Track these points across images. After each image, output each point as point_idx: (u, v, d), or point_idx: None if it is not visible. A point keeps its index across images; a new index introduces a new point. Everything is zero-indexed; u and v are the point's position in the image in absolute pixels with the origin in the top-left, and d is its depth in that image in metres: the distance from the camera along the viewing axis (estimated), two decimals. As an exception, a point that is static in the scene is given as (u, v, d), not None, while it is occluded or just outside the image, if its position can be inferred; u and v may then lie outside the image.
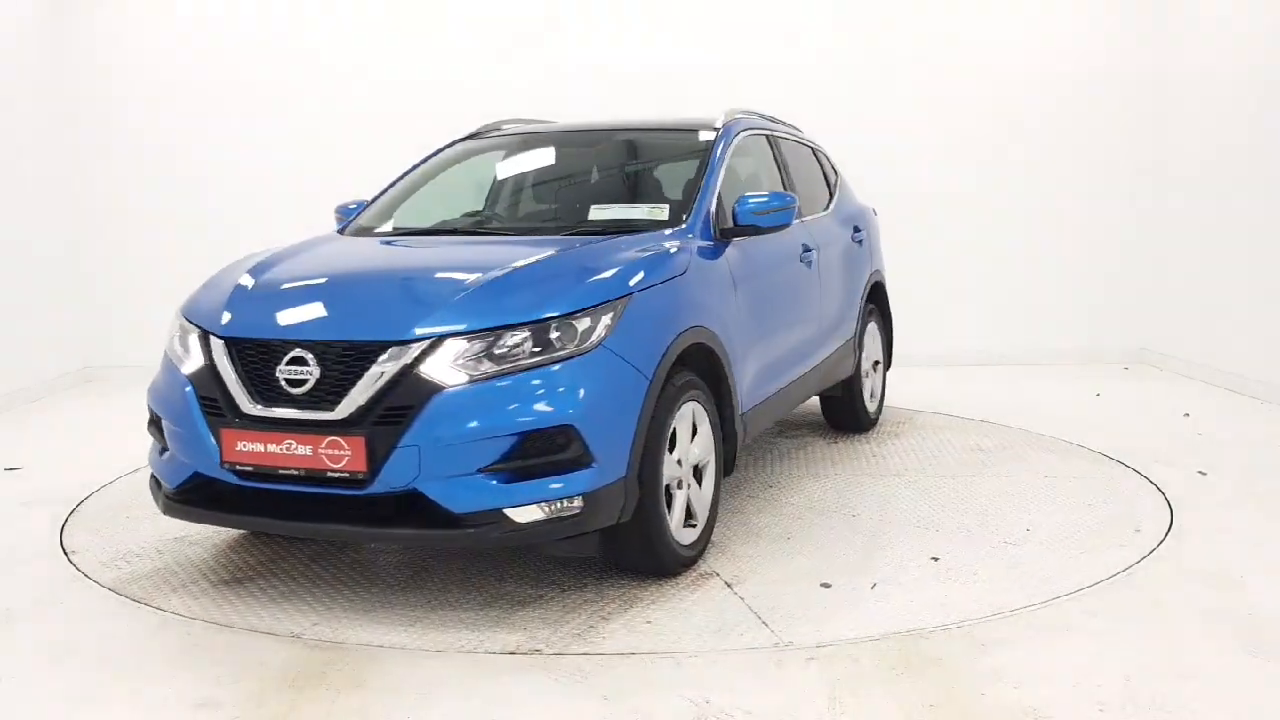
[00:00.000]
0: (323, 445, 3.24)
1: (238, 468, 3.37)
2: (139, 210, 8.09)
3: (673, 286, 3.70)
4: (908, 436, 5.84)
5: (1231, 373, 7.08)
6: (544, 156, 5.04)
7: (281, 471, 3.31)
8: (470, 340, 3.26)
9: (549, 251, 3.76)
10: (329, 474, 3.26)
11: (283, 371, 3.34)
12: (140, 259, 8.06)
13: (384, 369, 3.24)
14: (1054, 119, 8.13)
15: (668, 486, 3.62)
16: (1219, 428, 6.02)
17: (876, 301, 6.08)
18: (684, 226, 4.07)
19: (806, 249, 4.96)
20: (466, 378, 3.22)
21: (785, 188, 5.06)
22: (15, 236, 7.20)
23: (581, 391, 3.26)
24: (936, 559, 3.91)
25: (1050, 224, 8.18)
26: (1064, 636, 3.24)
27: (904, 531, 4.23)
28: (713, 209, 4.21)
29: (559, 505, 3.23)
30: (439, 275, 3.70)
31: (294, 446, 3.27)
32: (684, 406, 3.67)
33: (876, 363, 6.10)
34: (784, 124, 5.57)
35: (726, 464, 4.03)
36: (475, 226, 4.68)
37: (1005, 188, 8.13)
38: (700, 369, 3.87)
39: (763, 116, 5.27)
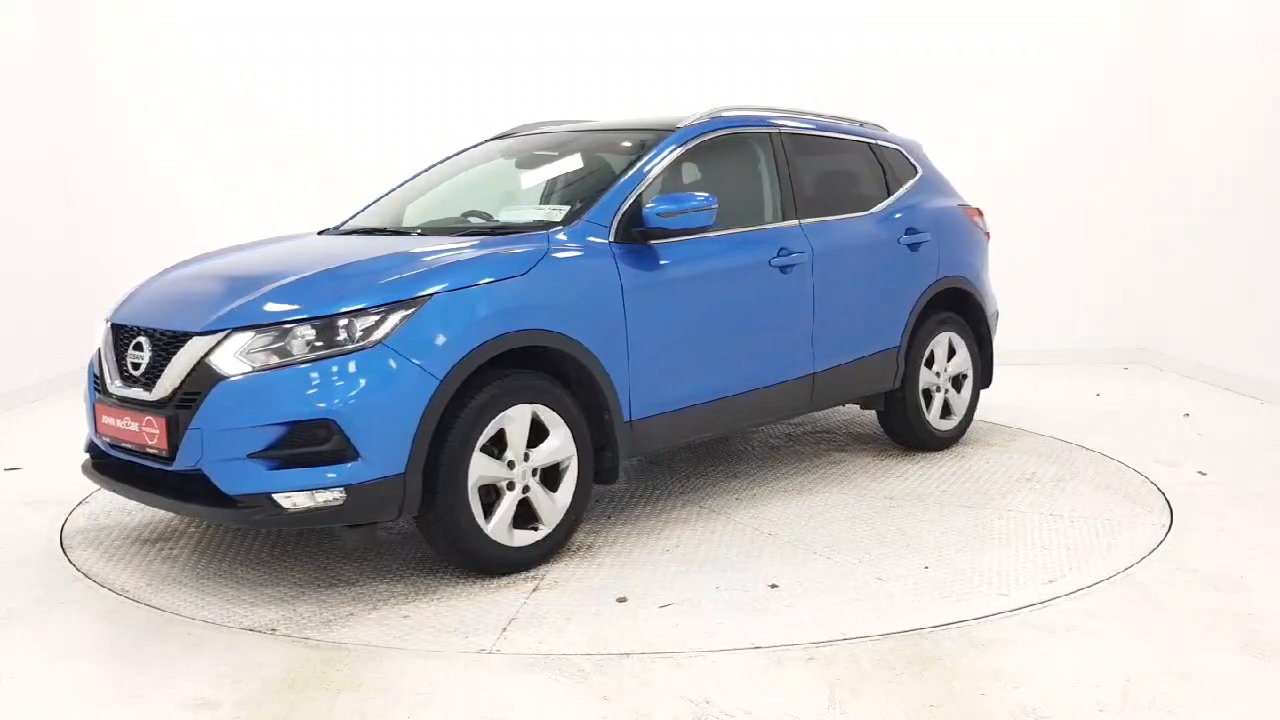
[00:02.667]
0: (143, 423, 3.59)
1: (104, 439, 3.83)
2: (139, 210, 8.10)
3: (502, 288, 3.69)
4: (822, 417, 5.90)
5: (1231, 373, 7.08)
6: (509, 160, 5.08)
7: (125, 445, 3.71)
8: (257, 333, 3.44)
9: (394, 250, 3.86)
10: (147, 449, 3.59)
11: (129, 355, 3.75)
12: (140, 260, 7.98)
13: (186, 357, 3.51)
14: (1053, 119, 8.13)
15: (493, 487, 3.67)
16: (1219, 428, 6.02)
17: (960, 311, 5.62)
18: (568, 228, 4.04)
19: (784, 252, 4.63)
20: (248, 368, 3.42)
21: (776, 189, 4.81)
22: (15, 236, 7.20)
23: (348, 387, 3.37)
24: (927, 567, 3.90)
25: (1050, 224, 8.18)
26: (1064, 636, 3.24)
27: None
28: (623, 210, 4.14)
29: (322, 495, 3.37)
30: (269, 272, 3.79)
31: (129, 423, 3.66)
32: (514, 409, 3.67)
33: (960, 378, 5.60)
34: (814, 119, 5.25)
35: (609, 471, 4.04)
36: (403, 227, 4.68)
37: (1005, 188, 8.12)
38: (560, 371, 3.89)
39: (770, 112, 5.02)
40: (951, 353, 5.54)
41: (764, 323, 4.61)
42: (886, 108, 8.04)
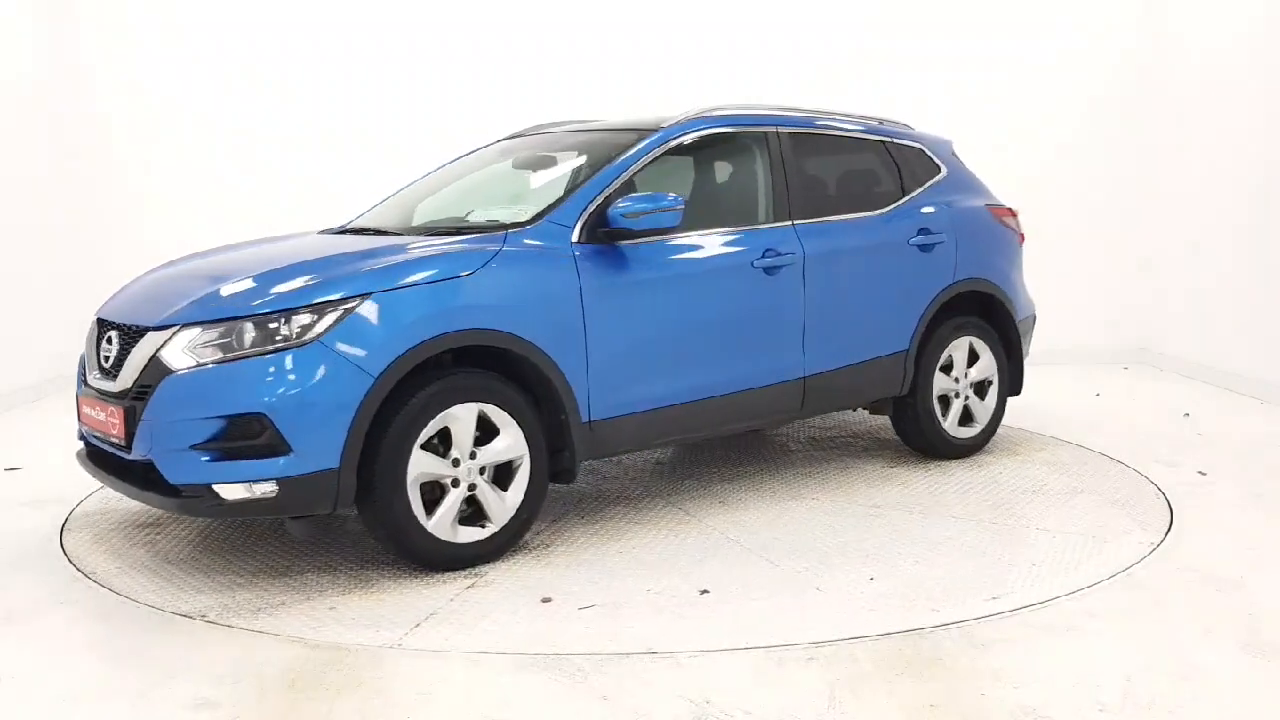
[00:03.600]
0: (109, 413, 3.75)
1: (84, 428, 4.03)
2: (139, 210, 8.09)
3: (444, 288, 3.73)
4: (855, 420, 5.86)
5: (1231, 373, 7.08)
6: (506, 160, 5.08)
7: (97, 434, 3.88)
8: (203, 329, 3.57)
9: (350, 250, 3.94)
10: (110, 438, 3.76)
11: (102, 348, 3.92)
12: (140, 260, 8.00)
13: (142, 351, 3.65)
14: (1053, 119, 8.13)
15: (439, 484, 3.72)
16: (1219, 428, 6.02)
17: (985, 315, 5.43)
18: (528, 229, 4.05)
19: (770, 253, 4.54)
20: (193, 363, 3.54)
21: (769, 189, 4.72)
22: (15, 236, 7.19)
23: (281, 383, 3.46)
24: (872, 579, 3.81)
25: (1050, 224, 8.16)
26: (1064, 636, 3.24)
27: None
28: (590, 211, 4.13)
29: (258, 488, 3.46)
30: (232, 271, 3.91)
31: (99, 413, 3.83)
32: (458, 407, 3.72)
33: (985, 384, 5.40)
34: (820, 117, 5.12)
35: (567, 472, 4.06)
36: (390, 228, 4.68)
37: (1004, 189, 8.10)
38: (510, 370, 3.91)
39: (770, 111, 4.94)
40: (974, 358, 5.34)
41: (744, 325, 4.51)
42: (887, 108, 8.04)
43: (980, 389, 5.41)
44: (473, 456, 3.79)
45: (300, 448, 3.46)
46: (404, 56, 8.08)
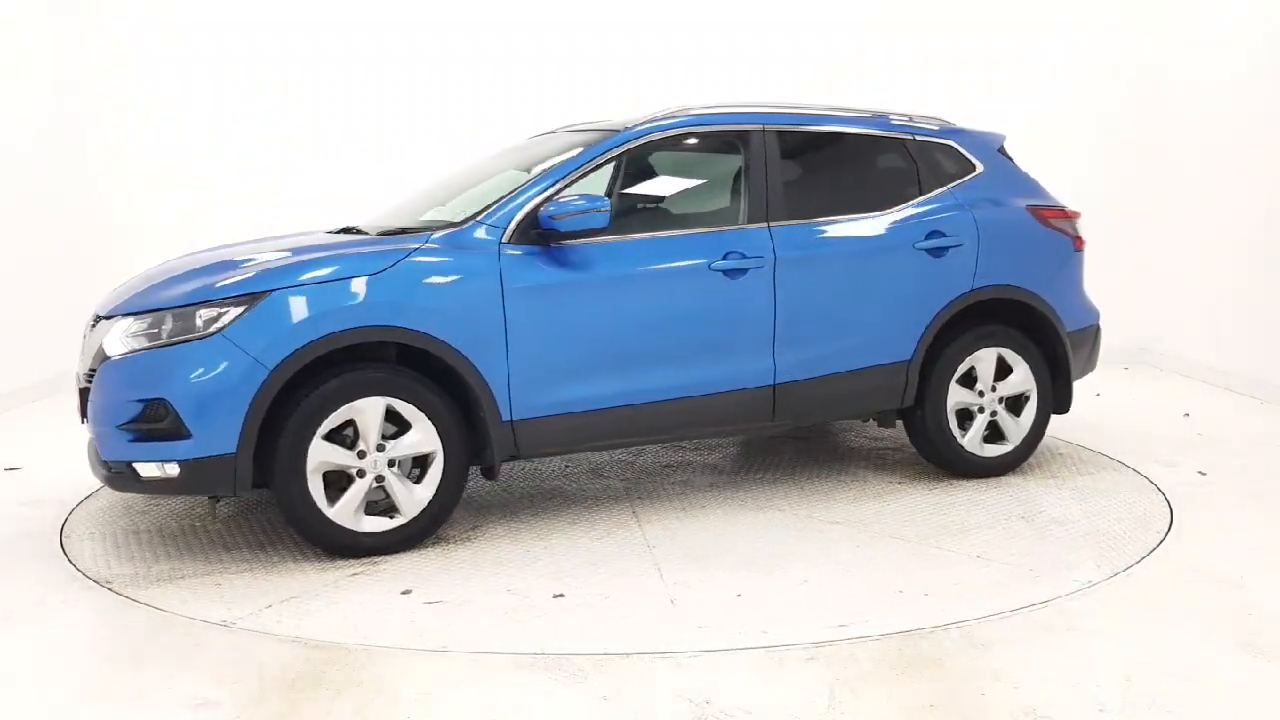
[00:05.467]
0: (79, 395, 4.15)
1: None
2: (139, 210, 8.09)
3: (349, 286, 3.89)
4: (900, 434, 5.79)
5: (1231, 373, 7.09)
6: (490, 160, 5.10)
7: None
8: (136, 320, 3.88)
9: (286, 248, 4.19)
10: (82, 418, 4.12)
11: (88, 337, 4.20)
12: (140, 259, 8.02)
13: (95, 338, 4.02)
14: (1053, 119, 8.12)
15: (345, 473, 3.91)
16: (1219, 428, 6.02)
17: (1023, 324, 5.00)
18: (456, 230, 4.15)
19: (733, 255, 4.40)
20: (124, 350, 3.85)
21: (745, 190, 4.59)
22: (15, 236, 7.19)
23: (185, 372, 3.75)
24: (739, 595, 3.65)
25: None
26: (1064, 636, 3.24)
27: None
28: (526, 213, 4.16)
29: (167, 467, 3.78)
30: (190, 265, 4.20)
31: (76, 394, 4.21)
32: (364, 401, 3.87)
33: (1021, 399, 5.00)
34: (820, 114, 4.92)
35: (491, 469, 4.16)
36: (376, 226, 4.71)
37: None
38: (427, 367, 4.02)
39: (760, 109, 4.76)
40: (1004, 370, 4.94)
41: (696, 329, 4.39)
42: (887, 108, 8.05)
43: (1015, 405, 5.01)
44: (383, 449, 3.92)
45: (199, 433, 3.73)
46: (404, 57, 8.07)
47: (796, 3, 8.13)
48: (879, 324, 4.73)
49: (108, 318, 4.00)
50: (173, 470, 3.77)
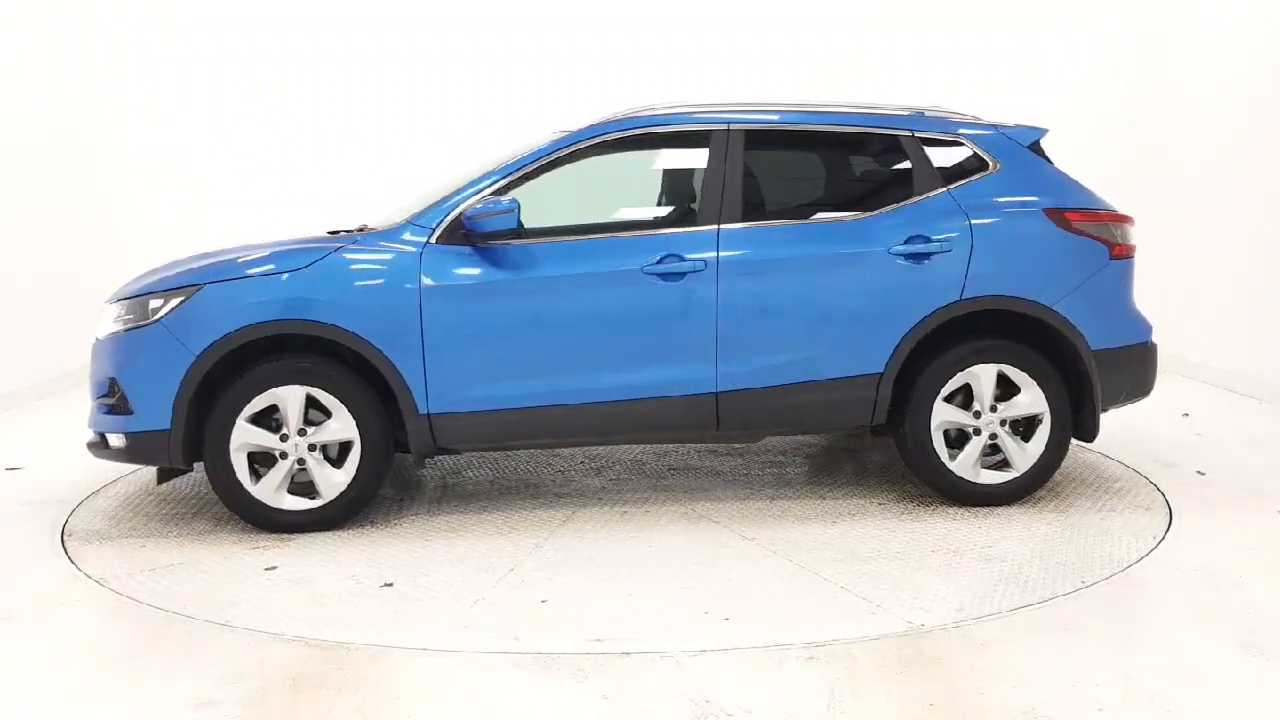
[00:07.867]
0: None
1: None
2: (139, 210, 8.10)
3: (273, 282, 4.21)
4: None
5: (1231, 373, 7.08)
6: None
7: None
8: (119, 305, 4.36)
9: (258, 245, 4.52)
10: None
11: None
12: (141, 259, 8.03)
13: (101, 322, 4.46)
14: (1052, 119, 8.11)
15: (270, 454, 4.24)
16: (1219, 428, 6.02)
17: (1034, 341, 4.52)
18: (387, 230, 4.38)
19: (670, 258, 4.29)
20: (104, 333, 4.36)
21: (697, 191, 4.51)
22: (15, 236, 7.19)
23: (131, 355, 4.25)
24: (628, 598, 3.65)
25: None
26: (1064, 636, 3.25)
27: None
28: (456, 214, 4.29)
29: (121, 438, 4.26)
30: (187, 261, 4.54)
31: None
32: (286, 388, 4.20)
33: (1032, 421, 4.50)
34: (800, 112, 4.67)
35: (417, 459, 4.42)
36: (354, 229, 4.79)
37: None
38: (359, 361, 4.27)
39: (728, 108, 4.60)
40: (1009, 390, 4.49)
41: (625, 332, 4.32)
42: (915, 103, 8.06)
43: (1026, 429, 4.53)
44: (304, 434, 4.23)
45: (139, 409, 4.21)
46: (404, 57, 8.08)
47: (796, 3, 8.13)
48: (843, 333, 4.40)
49: (110, 304, 4.46)
50: (120, 442, 4.26)
